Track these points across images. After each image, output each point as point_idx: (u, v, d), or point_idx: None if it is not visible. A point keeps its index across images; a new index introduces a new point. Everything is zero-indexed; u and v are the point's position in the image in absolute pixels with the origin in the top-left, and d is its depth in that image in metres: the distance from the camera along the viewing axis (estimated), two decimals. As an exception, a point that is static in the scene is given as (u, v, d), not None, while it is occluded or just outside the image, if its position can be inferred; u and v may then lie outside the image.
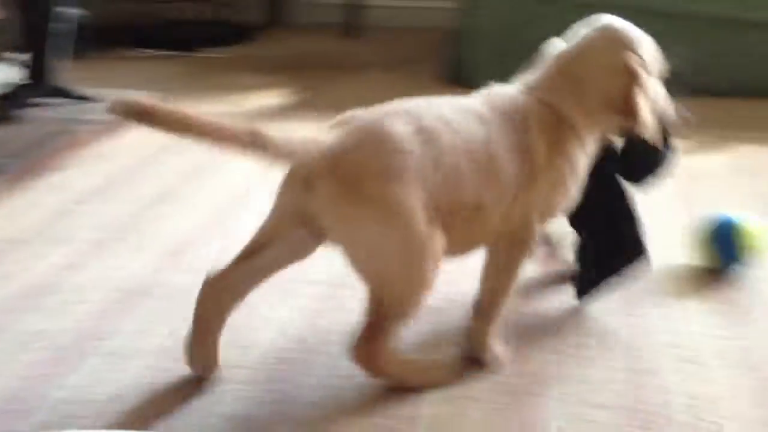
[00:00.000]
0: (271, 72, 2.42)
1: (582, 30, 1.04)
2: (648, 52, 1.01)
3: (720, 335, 1.05)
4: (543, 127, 0.96)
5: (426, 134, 0.89)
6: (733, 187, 1.55)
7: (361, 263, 0.89)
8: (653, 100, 0.99)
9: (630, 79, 0.97)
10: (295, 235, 0.91)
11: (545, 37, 2.14)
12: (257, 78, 2.35)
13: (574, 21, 2.30)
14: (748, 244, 1.19)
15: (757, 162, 1.68)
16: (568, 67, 1.00)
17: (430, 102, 0.95)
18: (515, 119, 0.95)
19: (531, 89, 0.99)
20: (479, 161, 0.91)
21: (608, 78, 0.98)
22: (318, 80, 2.33)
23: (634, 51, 0.99)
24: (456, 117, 0.93)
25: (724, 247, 1.19)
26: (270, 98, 2.16)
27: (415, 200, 0.87)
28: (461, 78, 2.28)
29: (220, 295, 0.94)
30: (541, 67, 1.03)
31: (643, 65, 0.98)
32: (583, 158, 0.99)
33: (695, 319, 1.09)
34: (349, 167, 0.86)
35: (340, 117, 0.92)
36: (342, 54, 2.63)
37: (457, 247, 0.93)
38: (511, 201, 0.94)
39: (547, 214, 0.99)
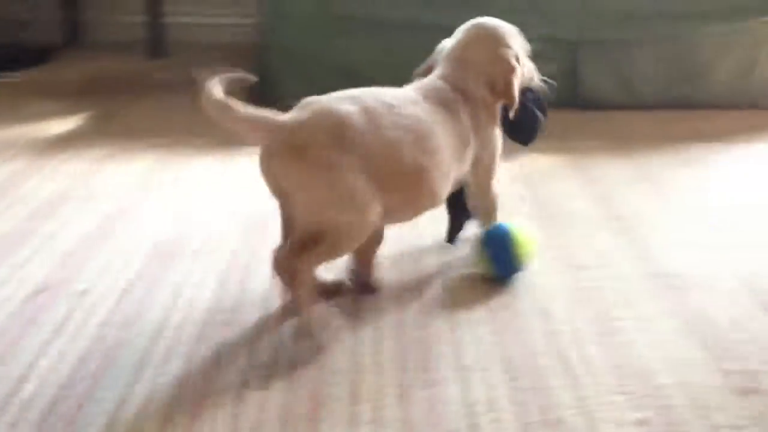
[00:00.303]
0: (67, 96, 2.29)
1: (463, 29, 1.28)
2: (515, 40, 1.26)
3: (494, 341, 1.10)
4: (464, 106, 1.20)
5: (369, 113, 1.09)
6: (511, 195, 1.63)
7: (307, 214, 1.07)
8: (526, 78, 1.27)
9: (504, 66, 1.22)
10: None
11: (347, 52, 2.21)
12: (52, 103, 2.22)
13: (372, 37, 2.35)
14: (522, 252, 1.25)
15: (534, 169, 1.79)
16: (461, 58, 1.24)
17: (372, 90, 1.16)
18: (443, 101, 1.18)
19: (444, 78, 1.22)
20: (415, 134, 1.11)
21: (488, 67, 1.22)
22: (117, 103, 2.23)
23: (504, 43, 1.24)
24: (395, 101, 1.13)
25: (499, 255, 1.24)
26: (64, 125, 2.04)
27: (351, 164, 1.05)
28: (267, 94, 2.27)
29: (288, 263, 1.08)
30: (443, 61, 1.25)
31: (513, 53, 1.23)
32: (496, 125, 1.25)
33: (480, 328, 1.13)
34: (299, 138, 1.05)
35: (300, 102, 1.12)
36: (144, 75, 2.54)
37: (409, 205, 1.15)
38: (452, 165, 1.16)
39: (489, 170, 1.25)
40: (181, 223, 1.48)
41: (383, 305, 1.19)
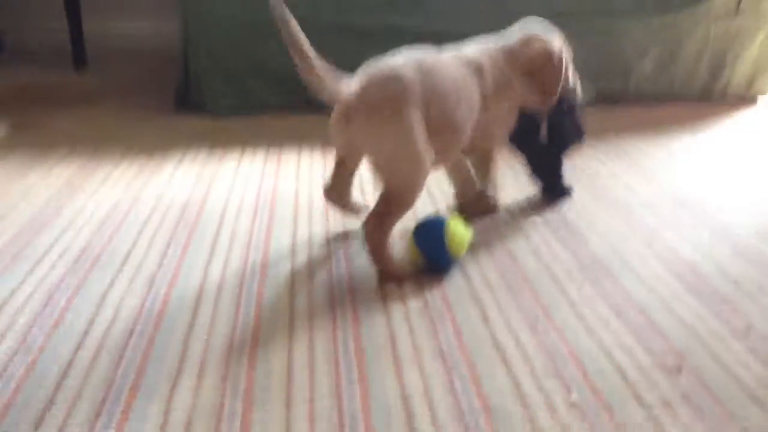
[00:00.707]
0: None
1: (519, 26, 1.45)
2: (562, 44, 1.44)
3: (429, 331, 1.10)
4: (493, 77, 1.36)
5: (424, 72, 1.24)
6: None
7: (381, 168, 1.23)
8: (566, 79, 1.45)
9: (550, 62, 1.40)
10: (354, 156, 1.32)
11: (272, 55, 2.18)
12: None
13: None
14: (455, 244, 1.25)
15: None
16: (512, 48, 1.41)
17: (424, 51, 1.30)
18: (477, 68, 1.34)
19: (489, 54, 1.38)
20: (459, 93, 1.28)
21: (537, 61, 1.40)
22: (38, 113, 2.16)
23: (554, 44, 1.42)
24: (442, 61, 1.29)
25: (437, 245, 1.24)
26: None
27: (417, 120, 1.21)
28: (192, 102, 2.23)
29: (335, 190, 1.36)
30: (497, 41, 1.42)
31: (561, 54, 1.42)
32: (515, 104, 1.41)
33: (416, 319, 1.13)
34: (372, 100, 1.20)
35: (362, 66, 1.26)
36: (67, 85, 2.46)
37: (439, 157, 1.28)
38: (473, 122, 1.32)
39: (498, 134, 1.42)
40: (104, 230, 1.43)
41: (317, 299, 1.17)
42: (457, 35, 1.55)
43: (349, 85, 1.22)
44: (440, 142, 1.26)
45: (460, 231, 1.25)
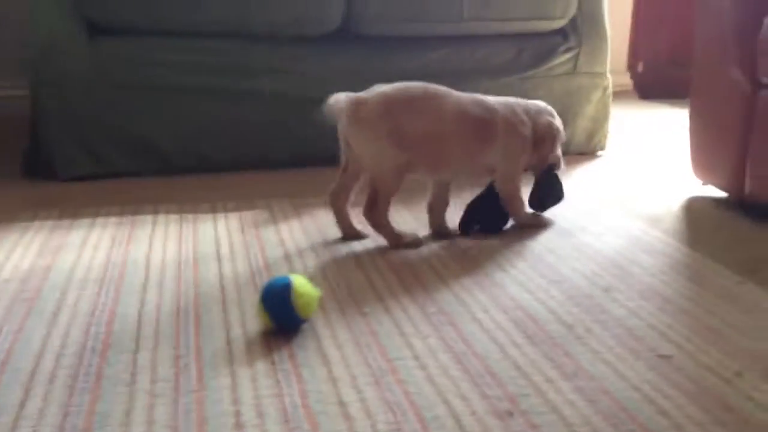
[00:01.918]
0: None
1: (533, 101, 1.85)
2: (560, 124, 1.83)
3: (274, 394, 1.10)
4: (505, 125, 1.72)
5: (409, 98, 1.63)
6: (306, 243, 1.69)
7: (363, 163, 1.65)
8: (555, 157, 1.81)
9: (551, 134, 1.78)
10: (352, 154, 1.66)
11: (126, 119, 2.16)
12: None
13: (152, 103, 2.32)
14: (302, 303, 1.27)
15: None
16: (527, 109, 1.78)
17: (429, 85, 1.69)
18: (488, 109, 1.71)
19: (506, 103, 1.76)
20: (435, 116, 1.65)
21: (541, 130, 1.77)
22: None
23: (555, 121, 1.81)
24: (442, 94, 1.68)
25: (284, 306, 1.25)
26: None
27: (384, 127, 1.59)
28: (42, 168, 2.16)
29: (338, 197, 1.70)
30: (512, 104, 1.77)
31: (558, 130, 1.80)
32: (524, 154, 1.75)
33: (263, 381, 1.13)
34: (359, 110, 1.60)
35: (371, 88, 1.66)
36: None
37: (431, 163, 1.68)
38: (473, 151, 1.71)
39: (505, 171, 1.74)
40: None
41: (161, 369, 1.15)
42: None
43: (352, 99, 1.61)
44: (424, 152, 1.64)
45: (305, 290, 1.27)
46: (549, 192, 1.83)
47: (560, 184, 1.84)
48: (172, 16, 2.15)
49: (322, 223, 1.82)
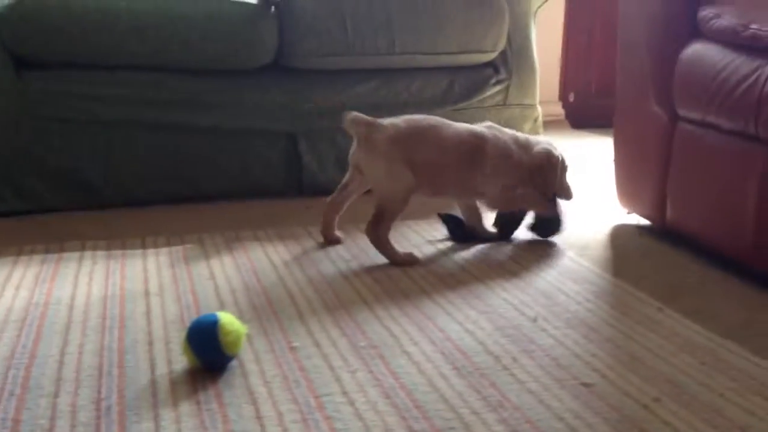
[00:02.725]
0: None
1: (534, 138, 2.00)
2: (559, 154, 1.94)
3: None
4: (496, 151, 1.86)
5: (418, 128, 1.82)
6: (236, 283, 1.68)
7: (374, 184, 1.82)
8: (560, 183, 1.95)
9: (549, 163, 1.90)
10: (357, 176, 1.86)
11: (52, 153, 2.12)
12: None
13: (80, 137, 2.27)
14: (230, 340, 1.26)
15: (245, 260, 1.85)
16: (518, 140, 1.92)
17: (434, 118, 1.89)
18: (474, 140, 1.85)
19: (494, 133, 1.90)
20: (440, 147, 1.82)
21: (536, 161, 1.90)
22: None
23: (553, 150, 1.93)
24: (443, 125, 1.86)
25: (210, 344, 1.24)
26: None
27: (398, 155, 1.77)
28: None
29: (334, 206, 1.90)
30: (514, 138, 1.92)
31: (556, 159, 1.91)
32: (516, 181, 1.89)
33: (188, 422, 1.11)
34: (371, 138, 1.78)
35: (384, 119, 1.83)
36: None
37: (433, 187, 1.85)
38: (464, 176, 1.85)
39: (496, 198, 1.89)
40: None
41: (82, 414, 1.12)
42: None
43: (369, 123, 1.79)
44: (428, 177, 1.80)
45: (233, 327, 1.26)
46: (545, 223, 1.94)
47: (559, 214, 1.93)
48: (99, 51, 2.12)
49: (254, 256, 1.81)
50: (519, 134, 1.95)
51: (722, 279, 1.70)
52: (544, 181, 1.90)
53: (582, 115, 3.68)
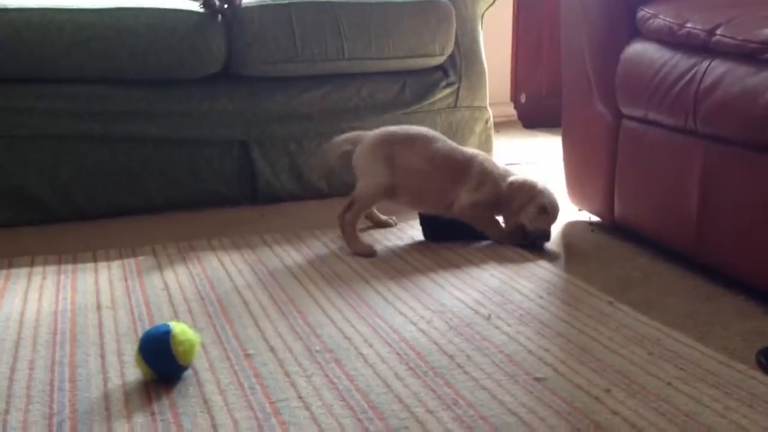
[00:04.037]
0: None
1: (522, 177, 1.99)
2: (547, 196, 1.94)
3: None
4: (482, 170, 1.95)
5: (403, 137, 1.95)
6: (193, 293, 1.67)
7: (356, 175, 1.95)
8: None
9: (524, 193, 1.92)
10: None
11: (13, 170, 2.08)
12: None
13: (25, 151, 2.23)
14: (183, 350, 1.25)
15: (211, 266, 1.84)
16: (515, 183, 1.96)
17: (431, 132, 2.01)
18: (463, 158, 1.96)
19: (482, 159, 1.99)
20: (424, 157, 1.93)
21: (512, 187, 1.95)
22: None
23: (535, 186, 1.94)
24: (432, 137, 1.98)
25: (163, 355, 1.24)
26: None
27: (381, 154, 1.92)
28: None
29: (341, 218, 1.93)
30: (505, 173, 1.98)
31: (537, 193, 1.92)
32: (491, 199, 1.94)
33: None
34: (363, 137, 1.97)
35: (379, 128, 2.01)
36: None
37: (411, 194, 1.95)
38: (445, 189, 1.93)
39: (463, 209, 1.93)
40: None
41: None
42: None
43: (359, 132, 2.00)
44: (409, 183, 1.92)
45: (186, 337, 1.25)
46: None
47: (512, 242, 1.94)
48: (44, 64, 2.09)
49: (208, 265, 1.80)
50: (500, 165, 2.01)
51: (668, 271, 1.75)
52: (521, 211, 1.90)
53: (533, 116, 3.74)
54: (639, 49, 1.81)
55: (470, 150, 2.02)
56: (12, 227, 2.08)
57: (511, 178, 1.95)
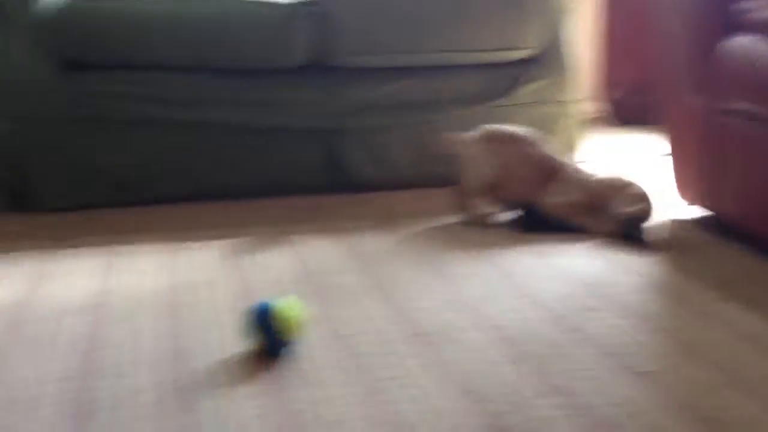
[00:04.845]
0: None
1: None
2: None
3: (261, 415, 1.11)
4: (571, 170, 2.04)
5: (504, 136, 2.08)
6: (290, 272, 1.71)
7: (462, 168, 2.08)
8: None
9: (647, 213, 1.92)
10: None
11: (107, 153, 2.17)
12: None
13: (129, 136, 2.27)
14: (285, 327, 1.28)
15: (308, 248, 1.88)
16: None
17: (530, 132, 2.11)
18: (552, 161, 2.06)
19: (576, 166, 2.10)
20: (520, 156, 2.05)
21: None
22: None
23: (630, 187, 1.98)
24: (530, 139, 2.08)
25: (265, 330, 1.27)
26: None
27: (483, 150, 2.05)
28: (31, 201, 2.14)
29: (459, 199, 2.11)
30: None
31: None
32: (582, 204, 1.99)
33: (247, 404, 1.14)
34: (469, 136, 2.09)
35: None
36: None
37: (504, 189, 2.05)
38: (536, 187, 2.03)
39: (557, 206, 2.00)
40: None
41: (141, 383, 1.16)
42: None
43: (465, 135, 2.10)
44: (504, 179, 2.03)
45: (287, 313, 1.28)
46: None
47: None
48: (139, 52, 2.17)
49: (305, 248, 1.83)
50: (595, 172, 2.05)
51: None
52: (635, 211, 1.89)
53: (629, 112, 3.66)
54: (744, 42, 1.75)
55: (562, 157, 2.08)
56: (108, 208, 2.16)
57: (598, 176, 1.99)
